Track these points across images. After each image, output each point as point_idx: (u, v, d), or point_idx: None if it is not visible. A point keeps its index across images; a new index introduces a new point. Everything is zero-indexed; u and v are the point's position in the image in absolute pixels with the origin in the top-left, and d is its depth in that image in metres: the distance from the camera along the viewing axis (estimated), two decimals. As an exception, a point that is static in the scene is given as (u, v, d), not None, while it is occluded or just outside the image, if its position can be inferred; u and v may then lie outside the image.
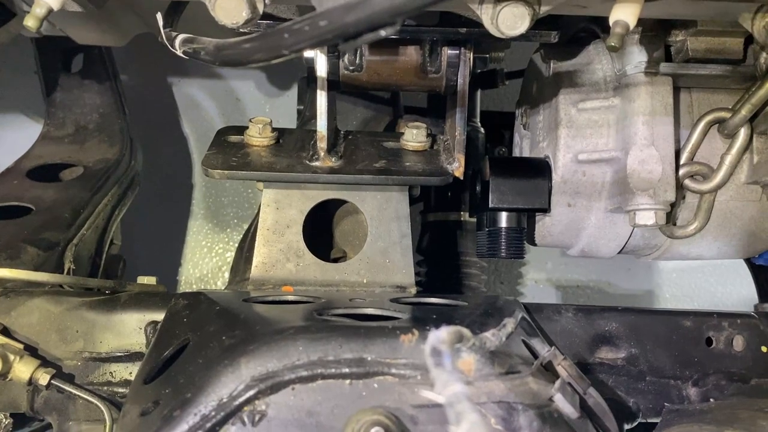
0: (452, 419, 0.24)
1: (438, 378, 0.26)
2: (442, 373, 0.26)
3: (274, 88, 1.36)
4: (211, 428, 0.43)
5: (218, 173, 0.72)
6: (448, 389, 0.24)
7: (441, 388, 0.25)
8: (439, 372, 0.26)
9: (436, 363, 0.27)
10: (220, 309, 0.57)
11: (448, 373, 0.26)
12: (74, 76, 1.11)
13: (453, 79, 0.71)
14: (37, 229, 0.85)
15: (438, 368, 0.26)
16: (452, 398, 0.24)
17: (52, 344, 0.68)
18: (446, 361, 0.27)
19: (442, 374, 0.26)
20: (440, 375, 0.26)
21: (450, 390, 0.24)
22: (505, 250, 0.72)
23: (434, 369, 0.26)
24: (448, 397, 0.24)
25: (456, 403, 0.24)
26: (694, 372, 0.74)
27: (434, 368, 0.26)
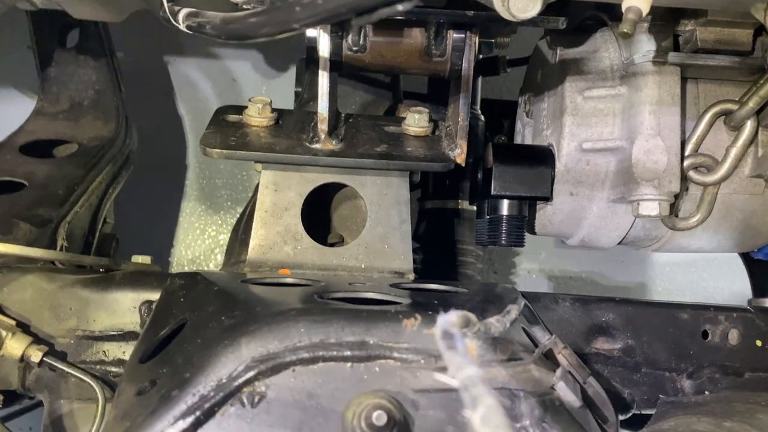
0: (468, 403, 0.23)
1: (451, 361, 0.25)
2: (456, 356, 0.25)
3: (271, 69, 1.35)
4: (209, 409, 0.43)
5: (216, 153, 0.70)
6: (463, 372, 0.24)
7: (455, 372, 0.24)
8: (452, 355, 0.25)
9: (448, 346, 0.26)
10: (219, 289, 0.56)
11: (462, 356, 0.25)
12: (70, 51, 1.08)
13: (458, 63, 0.70)
14: (30, 205, 0.84)
15: (451, 351, 0.26)
16: (467, 381, 0.23)
17: (45, 321, 0.67)
18: (458, 344, 0.26)
19: (455, 357, 0.25)
20: (454, 358, 0.25)
21: (465, 373, 0.24)
22: (506, 238, 0.71)
23: (447, 352, 0.26)
24: (463, 381, 0.24)
25: (471, 387, 0.23)
26: (689, 364, 0.74)
27: (447, 351, 0.26)
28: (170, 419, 0.42)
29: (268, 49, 1.34)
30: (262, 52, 1.34)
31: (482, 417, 0.22)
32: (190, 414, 0.42)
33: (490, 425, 0.22)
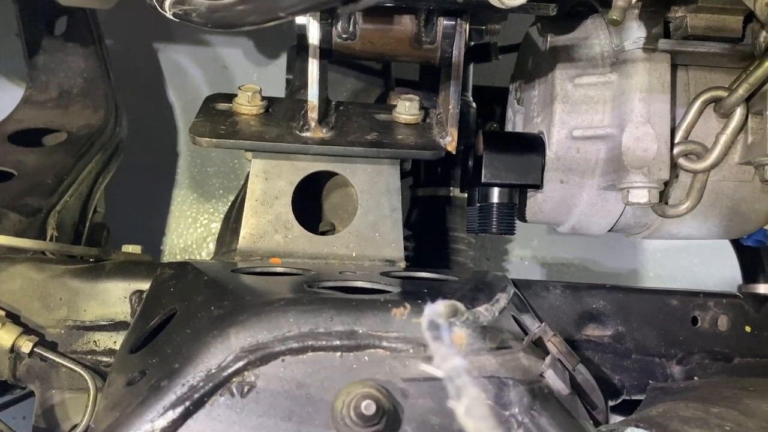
0: (452, 394, 0.23)
1: (437, 352, 0.25)
2: (441, 347, 0.25)
3: (262, 56, 1.34)
4: (199, 399, 0.43)
5: (206, 141, 0.70)
6: (448, 363, 0.24)
7: (440, 362, 0.25)
8: (438, 346, 0.25)
9: (434, 337, 0.26)
10: (208, 279, 0.56)
11: (447, 347, 0.25)
12: (58, 38, 1.07)
13: (448, 50, 0.70)
14: (19, 195, 0.83)
15: (436, 342, 0.26)
16: (452, 372, 0.23)
17: (35, 312, 0.67)
18: (444, 334, 0.26)
19: (440, 348, 0.25)
20: (439, 349, 0.25)
21: (449, 364, 0.24)
22: (497, 225, 0.71)
23: (433, 342, 0.26)
24: (448, 372, 0.24)
25: (456, 378, 0.23)
26: (679, 350, 0.74)
27: (432, 342, 0.26)
28: (159, 409, 0.42)
29: (259, 36, 1.33)
30: (254, 39, 1.33)
31: (467, 408, 0.22)
32: (180, 404, 0.42)
33: (474, 416, 0.22)
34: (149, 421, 0.42)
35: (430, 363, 0.42)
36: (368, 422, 0.41)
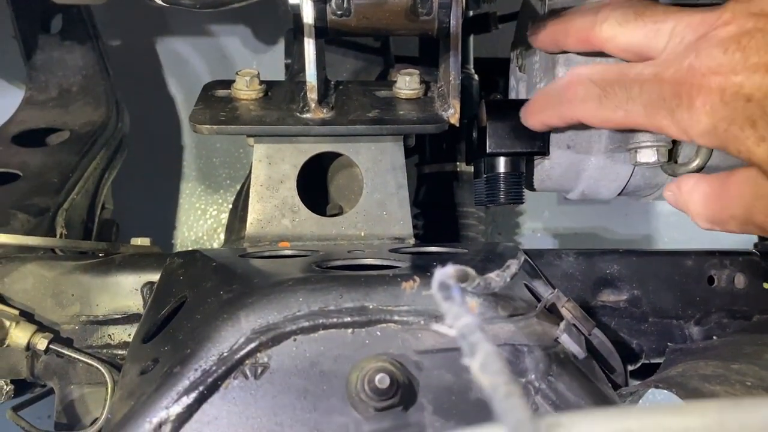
0: (466, 351, 0.23)
1: (448, 311, 0.25)
2: (453, 306, 0.25)
3: (260, 43, 1.33)
4: (213, 383, 0.42)
5: (206, 128, 0.70)
6: (460, 321, 0.23)
7: (452, 321, 0.24)
8: (449, 305, 0.25)
9: (445, 297, 0.26)
10: (217, 265, 0.56)
11: (459, 306, 0.24)
12: (54, 37, 1.07)
13: (445, 20, 0.68)
14: (25, 195, 0.83)
15: (447, 302, 0.25)
16: (464, 329, 0.23)
17: (48, 309, 0.67)
18: (455, 294, 0.26)
19: (452, 307, 0.25)
20: (450, 308, 0.25)
21: (462, 322, 0.23)
22: (504, 195, 0.71)
23: (443, 303, 0.25)
24: (461, 329, 0.23)
25: (469, 335, 0.23)
26: (696, 311, 0.74)
27: (443, 302, 0.25)
28: (174, 395, 0.42)
29: (256, 22, 1.32)
30: (251, 26, 1.33)
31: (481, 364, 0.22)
32: (194, 389, 0.42)
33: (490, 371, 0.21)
34: (164, 408, 0.42)
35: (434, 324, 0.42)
36: (383, 396, 0.40)
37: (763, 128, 0.45)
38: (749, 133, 0.46)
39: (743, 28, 0.47)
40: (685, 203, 0.58)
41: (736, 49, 0.47)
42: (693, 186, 0.56)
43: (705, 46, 0.49)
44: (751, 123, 0.46)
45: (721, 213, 0.54)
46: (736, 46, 0.47)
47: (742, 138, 0.47)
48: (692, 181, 0.57)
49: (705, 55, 0.48)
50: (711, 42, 0.49)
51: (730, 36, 0.48)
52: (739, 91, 0.46)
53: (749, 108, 0.46)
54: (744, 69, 0.46)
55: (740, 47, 0.47)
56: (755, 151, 0.46)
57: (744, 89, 0.46)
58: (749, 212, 0.51)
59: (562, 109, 0.61)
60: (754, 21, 0.47)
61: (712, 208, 0.55)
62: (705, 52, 0.49)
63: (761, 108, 0.45)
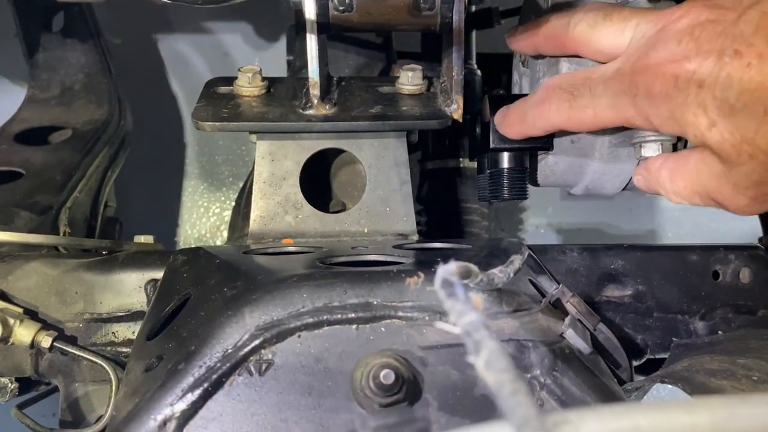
0: (470, 348, 0.22)
1: (452, 308, 0.24)
2: (456, 303, 0.24)
3: (262, 40, 1.33)
4: (217, 380, 0.42)
5: (209, 125, 0.69)
6: (464, 319, 0.23)
7: (456, 318, 0.24)
8: (453, 302, 0.25)
9: (448, 294, 0.25)
10: (221, 262, 0.56)
11: (462, 303, 0.24)
12: (56, 35, 1.07)
13: (448, 15, 0.68)
14: (28, 193, 0.84)
15: (451, 299, 0.25)
16: (469, 327, 0.23)
17: (52, 307, 0.67)
18: (459, 291, 0.25)
19: (456, 304, 0.24)
20: (454, 305, 0.24)
21: (466, 319, 0.23)
22: (508, 191, 0.70)
23: (447, 300, 0.25)
24: (465, 327, 0.23)
25: (473, 332, 0.22)
26: (701, 306, 0.73)
27: (447, 299, 0.25)
28: (178, 392, 0.42)
29: (258, 19, 1.32)
30: (252, 23, 1.32)
31: (486, 361, 0.21)
32: (198, 386, 0.42)
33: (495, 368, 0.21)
34: (169, 405, 0.42)
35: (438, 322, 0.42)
36: (388, 392, 0.40)
37: (714, 113, 0.47)
38: (702, 119, 0.48)
39: (697, 20, 0.50)
40: (655, 181, 0.60)
41: (690, 40, 0.49)
42: (661, 164, 0.59)
43: (661, 38, 0.52)
44: (703, 108, 0.48)
45: (686, 189, 0.57)
46: (689, 37, 0.49)
47: (696, 123, 0.49)
48: (660, 160, 0.60)
49: (661, 47, 0.51)
50: (667, 34, 0.51)
51: (684, 28, 0.50)
52: (692, 77, 0.48)
53: (701, 94, 0.48)
54: (696, 57, 0.48)
55: (693, 38, 0.49)
56: (708, 135, 0.49)
57: (696, 75, 0.48)
58: (707, 190, 0.54)
59: (538, 120, 0.64)
60: (707, 13, 0.49)
61: (678, 183, 0.57)
62: (661, 44, 0.51)
63: (711, 93, 0.47)
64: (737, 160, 0.49)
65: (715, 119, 0.48)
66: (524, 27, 0.70)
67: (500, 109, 0.70)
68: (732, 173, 0.50)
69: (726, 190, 0.52)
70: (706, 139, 0.49)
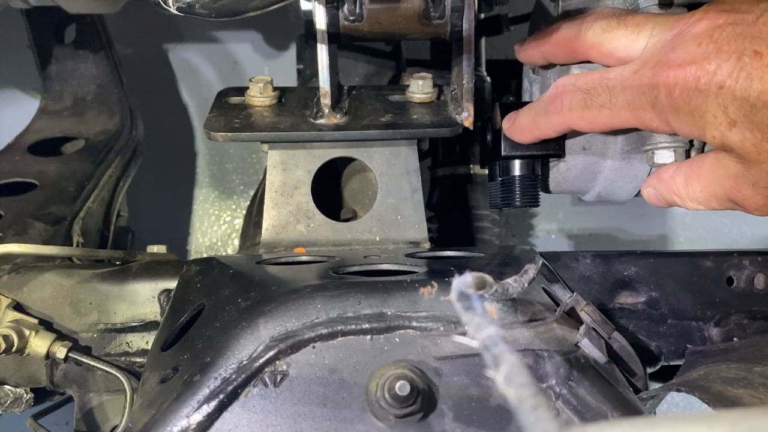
0: (490, 363, 0.22)
1: (470, 322, 0.24)
2: (474, 317, 0.24)
3: (271, 49, 1.33)
4: (233, 391, 0.43)
5: (221, 136, 0.70)
6: (483, 333, 0.23)
7: (474, 332, 0.24)
8: (471, 316, 0.25)
9: (465, 307, 0.25)
10: (234, 272, 0.56)
11: (480, 317, 0.24)
12: (68, 47, 1.08)
13: (458, 24, 0.68)
14: (42, 204, 0.84)
15: (468, 312, 0.25)
16: (488, 341, 0.23)
17: (67, 318, 0.67)
18: (476, 304, 0.25)
19: (474, 318, 0.24)
20: (472, 319, 0.24)
21: (484, 333, 0.23)
22: (520, 198, 0.70)
23: (465, 314, 0.25)
24: (483, 341, 0.23)
25: (492, 347, 0.22)
26: (715, 312, 0.73)
27: (465, 313, 0.25)
28: (194, 404, 0.42)
29: (267, 28, 1.32)
30: (262, 32, 1.33)
31: (506, 376, 0.21)
32: (214, 397, 0.42)
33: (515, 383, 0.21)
34: (185, 417, 0.42)
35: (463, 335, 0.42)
36: (404, 403, 0.40)
37: (734, 113, 0.48)
38: (722, 119, 0.49)
39: (715, 23, 0.50)
40: (669, 190, 0.60)
41: (709, 42, 0.50)
42: (674, 171, 0.60)
43: (680, 41, 0.52)
44: (723, 108, 0.48)
45: (703, 192, 0.57)
46: (708, 39, 0.50)
47: (716, 123, 0.49)
48: (672, 168, 0.60)
49: (680, 49, 0.51)
50: (686, 37, 0.52)
51: (703, 30, 0.51)
52: (713, 78, 0.49)
53: (722, 94, 0.48)
54: (716, 58, 0.49)
55: (712, 39, 0.49)
56: (728, 135, 0.49)
57: (717, 77, 0.48)
58: (725, 190, 0.54)
59: (551, 119, 0.64)
60: (725, 17, 0.50)
61: (693, 189, 0.58)
62: (680, 46, 0.52)
63: (732, 93, 0.48)
64: (757, 158, 0.49)
65: (735, 119, 0.48)
66: (531, 38, 0.70)
67: (507, 115, 0.70)
68: (751, 172, 0.51)
69: (745, 190, 0.53)
70: (726, 139, 0.49)
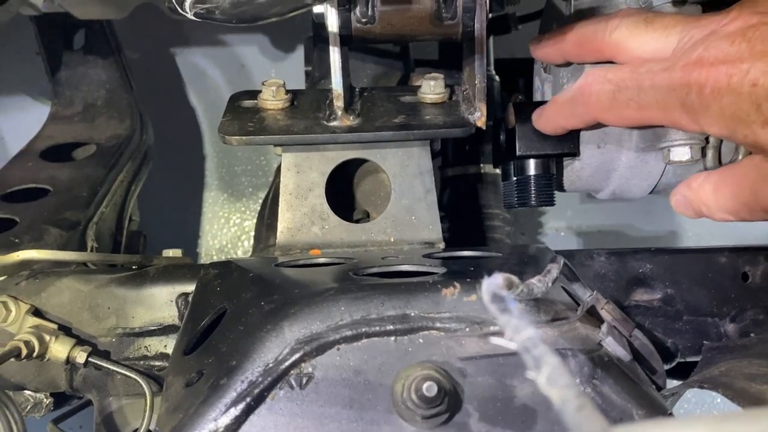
0: (530, 365, 0.22)
1: (507, 324, 0.25)
2: (512, 319, 0.25)
3: (278, 51, 1.34)
4: (259, 394, 0.43)
5: (236, 140, 0.70)
6: (522, 334, 0.23)
7: (512, 334, 0.24)
8: (508, 318, 0.25)
9: (501, 309, 0.26)
10: (254, 276, 0.56)
11: (518, 318, 0.24)
12: (77, 52, 1.09)
13: (469, 24, 0.68)
14: (56, 210, 0.85)
15: (505, 314, 0.25)
16: (527, 343, 0.23)
17: (85, 323, 0.68)
18: (512, 306, 0.25)
19: (511, 320, 0.25)
20: (510, 321, 0.25)
21: (524, 335, 0.23)
22: (536, 198, 0.70)
23: (501, 316, 0.25)
24: (523, 342, 0.23)
25: (532, 348, 0.23)
26: (731, 308, 0.73)
27: (501, 315, 0.25)
28: (222, 408, 0.42)
29: (274, 31, 1.33)
30: (269, 35, 1.33)
31: (548, 377, 0.22)
32: (241, 401, 0.42)
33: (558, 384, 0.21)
34: (213, 420, 0.42)
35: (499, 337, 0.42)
36: (431, 404, 0.40)
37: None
38: (755, 117, 0.48)
39: (749, 23, 0.50)
40: (697, 200, 0.59)
41: (742, 41, 0.49)
42: (703, 180, 0.59)
43: (713, 40, 0.52)
44: (756, 107, 0.48)
45: (733, 201, 0.56)
46: (741, 38, 0.50)
47: (748, 122, 0.49)
48: (701, 177, 0.59)
49: (713, 48, 0.51)
50: (719, 36, 0.51)
51: (736, 30, 0.51)
52: (746, 77, 0.48)
53: (755, 92, 0.48)
54: (750, 57, 0.48)
55: (746, 39, 0.49)
56: (760, 134, 0.49)
57: (750, 75, 0.48)
58: (757, 196, 0.53)
59: (579, 109, 0.63)
60: (759, 17, 0.50)
61: (723, 197, 0.57)
62: (713, 45, 0.51)
63: (765, 91, 0.47)
64: None
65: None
66: (549, 35, 0.70)
67: (536, 109, 0.69)
68: None
69: None
70: (758, 137, 0.49)
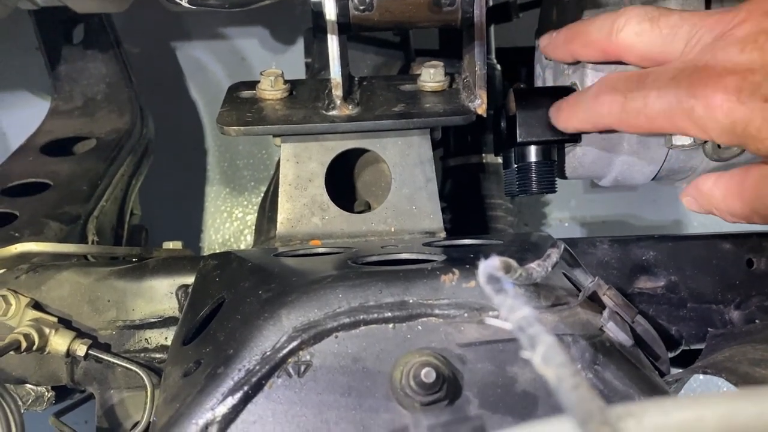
0: (525, 344, 0.22)
1: (503, 304, 0.24)
2: (506, 299, 0.24)
3: (279, 43, 1.33)
4: (257, 382, 0.42)
5: (234, 130, 0.70)
6: (516, 314, 0.23)
7: (507, 314, 0.23)
8: (503, 298, 0.24)
9: (496, 290, 0.25)
10: (253, 265, 0.56)
11: (513, 298, 0.24)
12: (77, 47, 1.08)
13: (469, 10, 0.68)
14: (57, 204, 0.84)
15: (500, 294, 0.25)
16: (522, 322, 0.22)
17: (85, 315, 0.67)
18: (507, 286, 0.25)
19: (506, 300, 0.24)
20: (504, 301, 0.24)
21: (518, 314, 0.23)
22: (537, 185, 0.70)
23: (496, 296, 0.25)
24: (518, 322, 0.22)
25: (527, 327, 0.22)
26: (736, 295, 0.72)
27: (496, 295, 0.25)
28: (219, 396, 0.42)
29: (274, 23, 1.32)
30: (269, 27, 1.33)
31: (543, 356, 0.21)
32: (239, 389, 0.42)
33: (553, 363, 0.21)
34: (210, 409, 0.42)
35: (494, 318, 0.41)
36: (429, 390, 0.40)
37: None
38: (767, 134, 0.46)
39: (760, 27, 0.47)
40: (707, 202, 0.57)
41: (753, 48, 0.46)
42: (713, 184, 0.56)
43: (721, 46, 0.49)
44: None
45: (744, 208, 0.54)
46: (753, 45, 0.46)
47: (761, 138, 0.46)
48: (711, 179, 0.57)
49: (721, 55, 0.48)
50: (727, 41, 0.48)
51: (746, 35, 0.47)
52: (757, 91, 0.45)
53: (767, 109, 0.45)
54: (762, 67, 0.45)
55: (757, 46, 0.46)
56: None
57: (761, 89, 0.45)
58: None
59: (592, 118, 0.62)
60: None
61: (734, 204, 0.54)
62: (721, 52, 0.48)
63: None
64: None
65: None
66: (559, 35, 0.69)
67: (555, 103, 0.68)
68: None
69: None
70: None
